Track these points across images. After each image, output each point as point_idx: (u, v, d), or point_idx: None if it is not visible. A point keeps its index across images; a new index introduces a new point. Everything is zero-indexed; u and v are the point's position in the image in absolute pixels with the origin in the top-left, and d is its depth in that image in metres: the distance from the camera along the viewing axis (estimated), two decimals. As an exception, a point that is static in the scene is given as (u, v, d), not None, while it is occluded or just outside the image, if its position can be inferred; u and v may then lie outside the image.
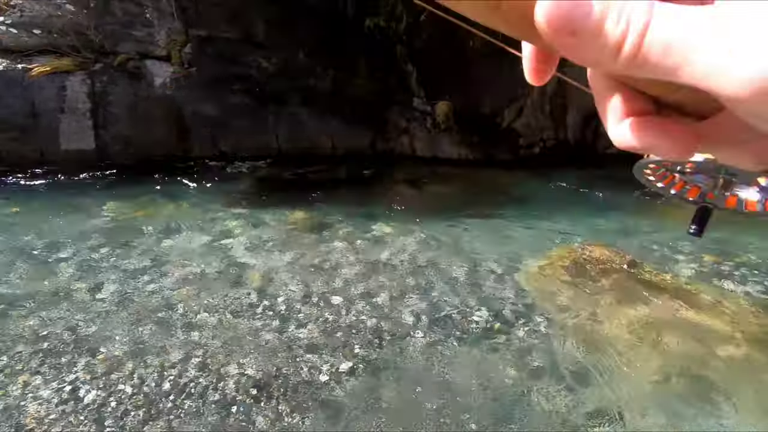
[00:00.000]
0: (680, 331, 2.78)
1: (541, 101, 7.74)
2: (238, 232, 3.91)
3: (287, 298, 2.92)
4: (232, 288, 3.00)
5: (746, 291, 3.42)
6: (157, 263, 3.32)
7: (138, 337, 2.47)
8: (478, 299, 3.04)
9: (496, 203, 5.15)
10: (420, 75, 7.30)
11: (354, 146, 7.03)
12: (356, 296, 2.98)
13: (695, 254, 4.01)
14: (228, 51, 6.34)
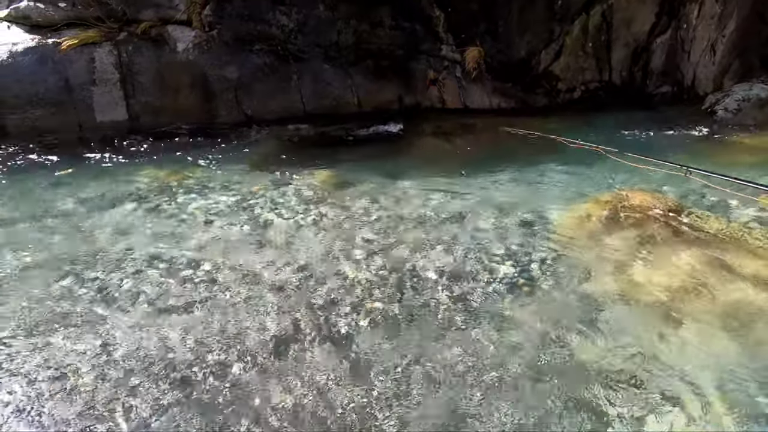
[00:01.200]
0: (728, 283, 2.55)
1: (582, 39, 7.09)
2: (264, 193, 3.93)
3: (309, 255, 2.93)
4: (256, 246, 3.05)
5: (811, 236, 3.07)
6: (186, 224, 3.41)
7: (166, 293, 2.58)
8: (505, 253, 2.92)
9: (527, 153, 4.86)
10: (448, 20, 6.84)
11: (381, 102, 6.80)
12: (379, 252, 2.94)
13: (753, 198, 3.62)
14: (247, 9, 6.17)
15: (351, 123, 6.12)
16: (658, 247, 2.92)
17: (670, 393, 1.89)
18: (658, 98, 7.24)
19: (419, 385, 1.95)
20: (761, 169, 4.27)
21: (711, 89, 7.11)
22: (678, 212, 3.35)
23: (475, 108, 6.98)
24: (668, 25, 7.04)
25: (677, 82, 7.29)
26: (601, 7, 6.88)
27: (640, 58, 7.24)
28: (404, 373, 2.01)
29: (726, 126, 5.97)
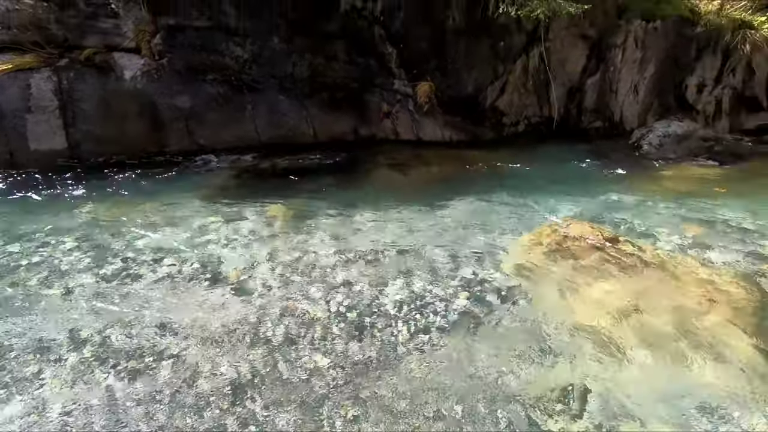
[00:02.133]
0: (659, 305, 2.79)
1: (523, 78, 7.63)
2: (216, 227, 3.83)
3: (265, 292, 2.87)
4: (209, 285, 2.95)
5: (727, 261, 3.44)
6: (130, 262, 3.24)
7: (108, 340, 2.41)
8: (460, 284, 3.02)
9: (479, 184, 5.10)
10: (400, 56, 7.14)
11: (336, 133, 6.90)
12: (337, 287, 2.94)
13: (677, 227, 4.02)
14: (200, 40, 6.12)
15: (306, 153, 6.15)
16: (598, 275, 3.15)
17: (607, 412, 2.01)
18: (593, 132, 7.88)
19: (378, 425, 1.94)
20: (683, 198, 4.75)
21: (636, 125, 7.85)
22: (614, 241, 3.63)
23: (427, 140, 7.24)
24: (597, 67, 7.75)
25: (608, 118, 7.98)
26: (538, 49, 7.47)
27: (575, 96, 7.88)
28: (363, 414, 2.00)
29: (651, 158, 6.60)
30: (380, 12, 6.77)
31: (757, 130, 7.62)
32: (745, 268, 3.32)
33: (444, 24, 6.93)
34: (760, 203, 4.57)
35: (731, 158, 6.56)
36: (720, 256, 3.50)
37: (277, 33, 6.47)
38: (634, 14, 7.40)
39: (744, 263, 3.40)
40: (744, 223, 4.09)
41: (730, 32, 7.41)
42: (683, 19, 7.49)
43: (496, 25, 7.13)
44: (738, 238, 3.80)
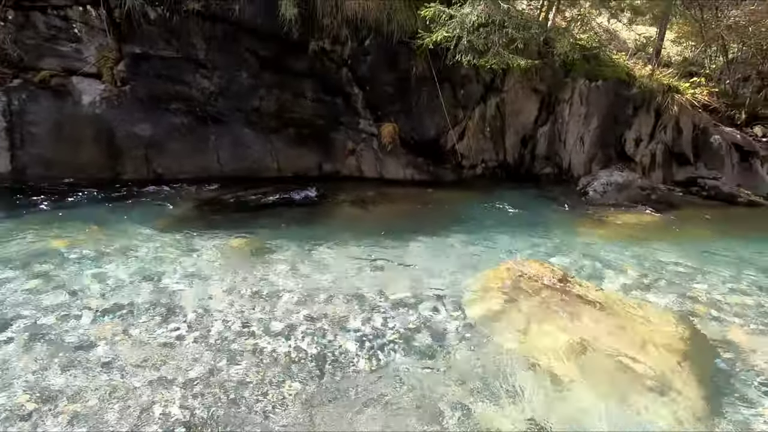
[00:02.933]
0: (606, 343, 2.95)
1: (481, 124, 8.10)
2: (172, 260, 3.69)
3: (222, 329, 2.78)
4: (162, 321, 2.81)
5: (665, 302, 3.72)
6: (76, 296, 3.04)
7: (49, 382, 2.23)
8: (420, 322, 3.07)
9: (439, 223, 5.27)
10: (366, 98, 7.41)
11: (301, 168, 6.95)
12: (297, 324, 2.89)
13: (620, 268, 4.32)
14: (166, 69, 6.09)
15: (269, 187, 6.12)
16: (551, 313, 3.30)
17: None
18: (544, 177, 8.41)
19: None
20: (625, 241, 5.13)
21: (583, 172, 8.47)
22: (564, 281, 3.84)
23: (390, 178, 7.43)
24: (548, 118, 8.40)
25: (557, 165, 8.57)
26: (495, 99, 8.03)
27: (528, 143, 8.45)
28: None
29: (596, 204, 7.11)
30: (348, 56, 7.06)
31: (686, 182, 8.44)
32: (681, 309, 3.61)
33: (408, 71, 7.33)
34: (690, 248, 5.02)
35: (665, 206, 7.20)
36: (658, 298, 3.78)
37: (246, 68, 6.56)
38: (579, 74, 8.17)
39: (679, 304, 3.68)
40: (678, 267, 4.46)
41: (661, 94, 8.32)
42: (621, 81, 8.35)
43: (457, 75, 7.63)
44: (673, 280, 4.13)
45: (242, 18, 6.27)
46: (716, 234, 5.78)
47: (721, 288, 4.04)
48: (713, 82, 9.72)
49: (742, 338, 3.18)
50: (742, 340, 3.16)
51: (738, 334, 3.25)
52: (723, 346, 3.10)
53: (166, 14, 5.94)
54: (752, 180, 8.22)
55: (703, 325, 3.37)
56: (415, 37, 6.80)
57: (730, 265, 4.53)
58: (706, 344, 3.10)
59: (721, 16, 9.73)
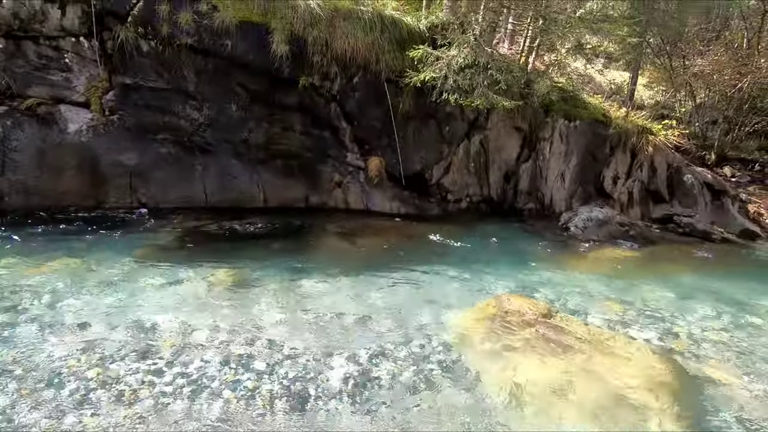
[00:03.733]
0: (591, 379, 2.95)
1: (466, 160, 8.31)
2: (153, 291, 3.60)
3: (202, 364, 2.69)
4: (139, 356, 2.71)
5: (646, 338, 3.76)
6: (49, 329, 2.92)
7: (16, 421, 2.10)
8: (405, 357, 3.03)
9: (424, 257, 5.29)
10: (353, 132, 7.57)
11: (287, 199, 6.97)
12: (280, 359, 2.83)
13: (602, 303, 4.38)
14: (155, 100, 6.15)
15: (255, 218, 6.10)
16: (537, 349, 3.30)
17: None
18: (527, 212, 8.58)
19: None
20: (606, 277, 5.22)
21: (564, 208, 8.68)
22: (549, 315, 3.86)
23: (376, 211, 7.49)
24: (529, 155, 8.68)
25: (540, 201, 8.78)
26: (479, 136, 8.28)
27: (510, 179, 8.67)
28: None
29: (578, 239, 7.26)
30: (337, 91, 7.27)
31: (663, 219, 8.71)
32: (663, 345, 3.65)
33: (395, 107, 7.55)
34: (670, 284, 5.13)
35: (644, 242, 7.39)
36: (641, 333, 3.83)
37: (236, 101, 6.67)
38: (558, 114, 8.53)
39: (661, 340, 3.73)
40: (659, 303, 4.54)
41: (635, 135, 8.72)
42: (597, 121, 8.74)
43: (443, 112, 7.89)
44: (654, 315, 4.20)
45: (234, 53, 6.44)
46: (693, 270, 5.94)
47: (701, 324, 4.11)
48: (684, 125, 10.25)
49: (721, 375, 3.22)
50: (722, 377, 3.20)
51: (718, 371, 3.29)
52: (704, 383, 3.13)
53: (158, 47, 6.07)
54: (724, 218, 8.53)
55: (684, 361, 3.40)
56: (402, 76, 7.06)
57: (707, 302, 4.63)
58: (688, 381, 3.12)
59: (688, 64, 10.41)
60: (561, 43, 9.14)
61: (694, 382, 3.11)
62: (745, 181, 9.65)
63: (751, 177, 9.77)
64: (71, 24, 5.63)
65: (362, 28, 7.06)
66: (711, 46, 10.07)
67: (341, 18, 6.99)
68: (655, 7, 8.73)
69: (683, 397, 2.87)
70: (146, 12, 5.90)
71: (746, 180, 9.67)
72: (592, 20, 7.74)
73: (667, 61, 10.96)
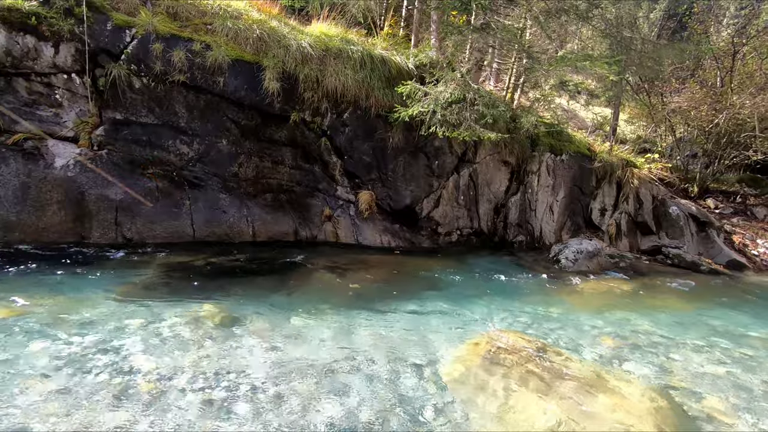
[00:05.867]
0: (589, 421, 2.85)
1: (455, 193, 8.38)
2: (133, 330, 3.45)
3: (181, 409, 2.53)
4: (113, 401, 2.55)
5: (643, 374, 3.68)
6: (16, 374, 2.75)
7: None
8: (396, 399, 2.90)
9: (415, 291, 5.21)
10: (343, 166, 7.63)
11: (276, 233, 6.90)
12: (264, 403, 2.68)
13: (597, 338, 4.31)
14: (145, 135, 6.16)
15: (244, 253, 6.00)
16: (532, 388, 3.20)
17: None
18: (517, 245, 8.60)
19: None
20: (599, 310, 5.16)
21: (554, 240, 8.72)
22: (543, 351, 3.78)
23: (367, 245, 7.44)
24: (518, 188, 8.80)
25: (529, 233, 8.82)
26: (468, 170, 8.40)
27: (500, 211, 8.74)
28: None
29: (568, 271, 7.24)
30: (327, 126, 7.37)
31: (651, 250, 8.79)
32: (659, 381, 3.57)
33: (385, 142, 7.67)
34: (662, 317, 5.09)
35: (634, 273, 7.41)
36: (636, 368, 3.75)
37: (226, 136, 6.71)
38: (544, 148, 8.73)
39: (657, 376, 3.65)
40: (652, 336, 4.49)
41: (620, 168, 8.92)
42: (583, 154, 8.96)
43: (431, 147, 8.03)
44: (649, 350, 4.13)
45: (226, 90, 6.54)
46: (685, 302, 5.93)
47: (696, 358, 4.05)
48: (666, 158, 10.55)
49: (719, 410, 3.14)
50: (720, 412, 3.11)
51: (716, 406, 3.21)
52: (703, 420, 3.03)
53: (150, 83, 6.14)
54: (711, 249, 8.64)
55: (682, 398, 3.32)
56: (391, 111, 7.21)
57: (701, 334, 4.59)
58: (688, 421, 3.03)
59: (666, 101, 10.84)
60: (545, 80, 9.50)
61: (694, 422, 3.01)
62: (729, 213, 9.85)
63: (734, 208, 9.98)
64: (64, 61, 5.69)
65: (352, 67, 7.26)
66: (686, 84, 10.53)
67: (332, 57, 7.20)
68: (632, 48, 9.16)
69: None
70: (140, 50, 6.00)
71: (729, 211, 9.88)
72: (574, 59, 8.07)
73: (646, 98, 11.40)
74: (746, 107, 9.28)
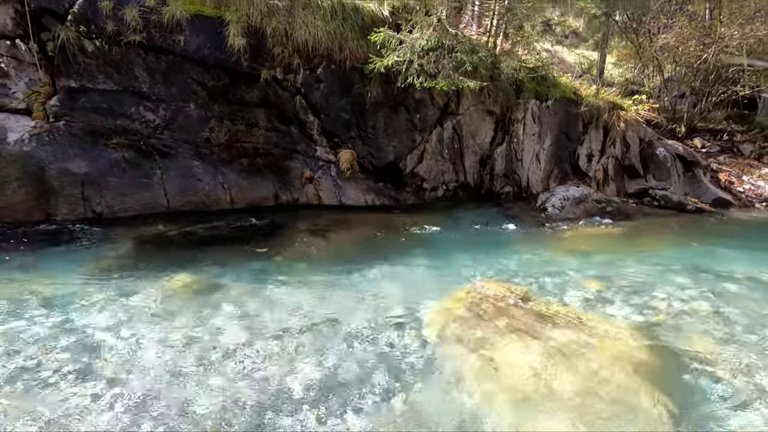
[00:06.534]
0: (570, 364, 2.82)
1: (439, 147, 8.15)
2: (102, 306, 3.32)
3: (149, 384, 2.44)
4: (76, 380, 2.45)
5: (626, 315, 3.66)
6: (-20, 358, 2.63)
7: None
8: (377, 358, 2.84)
9: (400, 249, 5.11)
10: (321, 125, 7.31)
11: (255, 199, 6.69)
12: (238, 371, 2.60)
13: (581, 282, 4.27)
14: (105, 103, 5.77)
15: (221, 221, 5.81)
16: (514, 336, 3.16)
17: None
18: (504, 196, 8.49)
19: None
20: (584, 255, 5.12)
21: (541, 189, 8.61)
22: (527, 299, 3.73)
23: (350, 205, 7.27)
24: (503, 138, 8.56)
25: (516, 183, 8.69)
26: (451, 122, 8.12)
27: (486, 163, 8.55)
28: None
29: (555, 219, 7.18)
30: (301, 84, 6.99)
31: (638, 193, 8.73)
32: (644, 321, 3.55)
33: (363, 97, 7.31)
34: (647, 258, 5.07)
35: (621, 217, 7.37)
36: (621, 310, 3.72)
37: (193, 100, 6.34)
38: (529, 94, 8.42)
39: (641, 316, 3.63)
40: (637, 277, 4.46)
41: (607, 112, 8.68)
42: (569, 99, 8.67)
43: (412, 99, 7.70)
44: (634, 291, 4.11)
45: (188, 49, 6.10)
46: (670, 242, 5.91)
47: (680, 296, 4.04)
48: (653, 99, 10.29)
49: (703, 347, 3.13)
50: (704, 349, 3.11)
51: (699, 343, 3.20)
52: (686, 357, 3.03)
53: (104, 46, 5.69)
54: (697, 188, 8.60)
55: (666, 336, 3.31)
56: (367, 63, 6.83)
57: (685, 273, 4.58)
58: (670, 357, 3.02)
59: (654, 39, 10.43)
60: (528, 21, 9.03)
61: (678, 359, 3.01)
62: (715, 151, 9.76)
63: (721, 147, 9.88)
64: (3, 25, 5.23)
65: (322, 17, 6.80)
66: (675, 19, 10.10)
67: (300, 7, 6.71)
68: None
69: (665, 376, 2.76)
70: (87, 9, 5.52)
71: (716, 150, 9.78)
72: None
73: (634, 37, 10.98)
74: (735, 39, 8.95)
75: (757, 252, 5.38)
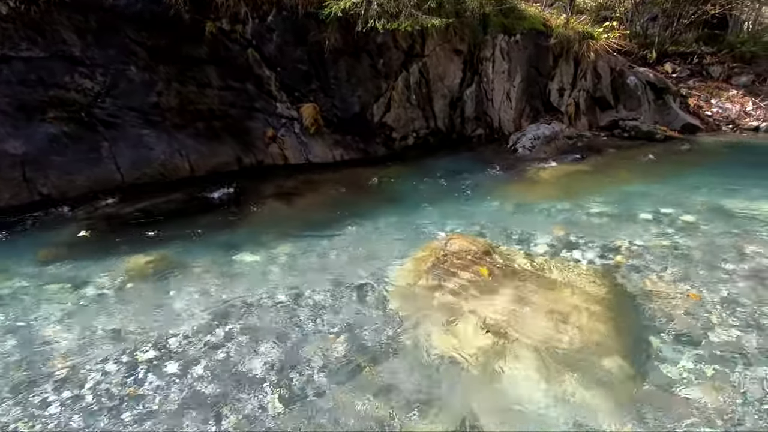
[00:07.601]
0: (531, 314, 2.86)
1: (407, 93, 7.80)
2: (51, 296, 3.19)
3: (100, 378, 2.39)
4: (24, 380, 2.38)
5: (589, 258, 3.71)
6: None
7: None
8: (341, 329, 2.83)
9: (368, 206, 5.01)
10: (279, 79, 6.86)
11: (217, 164, 6.39)
12: (195, 357, 2.56)
13: (547, 228, 4.28)
14: (33, 72, 5.24)
15: (181, 192, 5.56)
16: (476, 291, 3.18)
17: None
18: (476, 140, 8.32)
19: None
20: (552, 199, 5.12)
21: (513, 129, 8.46)
22: (490, 254, 3.73)
23: (318, 162, 7.04)
24: (473, 79, 8.23)
25: (488, 125, 8.50)
26: (417, 65, 7.71)
27: (456, 106, 8.27)
28: None
29: (526, 160, 7.12)
30: (251, 35, 6.45)
31: (609, 126, 8.67)
32: (605, 264, 3.61)
33: (320, 45, 6.81)
34: (613, 195, 5.10)
35: (590, 152, 7.34)
36: (584, 254, 3.77)
37: (134, 61, 5.81)
38: (497, 29, 7.99)
39: (603, 259, 3.69)
40: (602, 218, 4.50)
41: (577, 42, 8.35)
42: (538, 31, 8.28)
43: (374, 44, 7.21)
44: (597, 233, 4.15)
45: (118, 4, 5.49)
46: (635, 176, 5.94)
47: (641, 233, 4.10)
48: (625, 25, 9.92)
49: (661, 288, 3.21)
50: (661, 289, 3.19)
51: (657, 283, 3.28)
52: (644, 298, 3.11)
53: (20, 6, 5.06)
54: (667, 116, 8.57)
55: (625, 277, 3.38)
56: (322, 7, 6.29)
57: (647, 208, 4.63)
58: (628, 300, 3.10)
59: (627, -44, 9.86)
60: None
61: (636, 301, 3.08)
62: (685, 75, 9.63)
63: (691, 70, 9.74)
64: None
65: (266, -45, 6.13)
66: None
67: (239, -55, 6.02)
68: None
69: (626, 320, 2.83)
70: (-10, -37, 4.82)
71: (686, 74, 9.64)
72: None
73: (606, -45, 10.36)
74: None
75: (715, 178, 5.47)
